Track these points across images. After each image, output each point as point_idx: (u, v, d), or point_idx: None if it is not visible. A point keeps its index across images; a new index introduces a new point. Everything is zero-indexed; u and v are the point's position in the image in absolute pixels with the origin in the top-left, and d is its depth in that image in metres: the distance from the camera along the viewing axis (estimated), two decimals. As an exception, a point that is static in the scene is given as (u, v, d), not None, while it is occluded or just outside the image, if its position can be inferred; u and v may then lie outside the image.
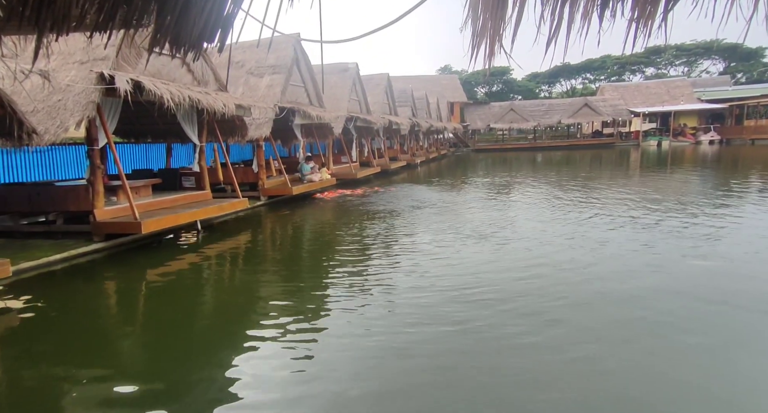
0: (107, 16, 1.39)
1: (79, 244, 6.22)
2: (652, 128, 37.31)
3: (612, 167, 19.57)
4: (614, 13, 1.22)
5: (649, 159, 23.00)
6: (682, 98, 37.15)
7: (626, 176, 15.32)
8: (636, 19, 1.20)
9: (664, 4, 1.18)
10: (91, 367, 3.28)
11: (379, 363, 3.14)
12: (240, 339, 3.67)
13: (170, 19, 1.39)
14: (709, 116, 36.67)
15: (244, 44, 11.81)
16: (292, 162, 13.26)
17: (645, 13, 1.19)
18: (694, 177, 14.04)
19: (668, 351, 3.18)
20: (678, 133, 35.41)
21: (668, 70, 53.37)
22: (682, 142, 34.35)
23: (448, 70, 61.17)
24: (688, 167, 18.07)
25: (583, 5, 1.20)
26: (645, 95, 39.06)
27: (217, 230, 8.11)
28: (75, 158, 10.82)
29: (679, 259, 5.29)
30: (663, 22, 1.21)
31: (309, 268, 5.80)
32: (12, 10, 1.38)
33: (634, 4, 1.19)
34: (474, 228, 7.18)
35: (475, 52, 1.30)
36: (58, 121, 5.59)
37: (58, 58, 6.20)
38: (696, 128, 36.11)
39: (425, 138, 30.25)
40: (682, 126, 36.07)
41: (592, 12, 1.21)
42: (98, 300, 4.89)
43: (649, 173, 16.08)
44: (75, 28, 1.44)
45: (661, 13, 1.19)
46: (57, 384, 3.08)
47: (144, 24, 1.49)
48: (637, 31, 1.23)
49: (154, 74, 7.08)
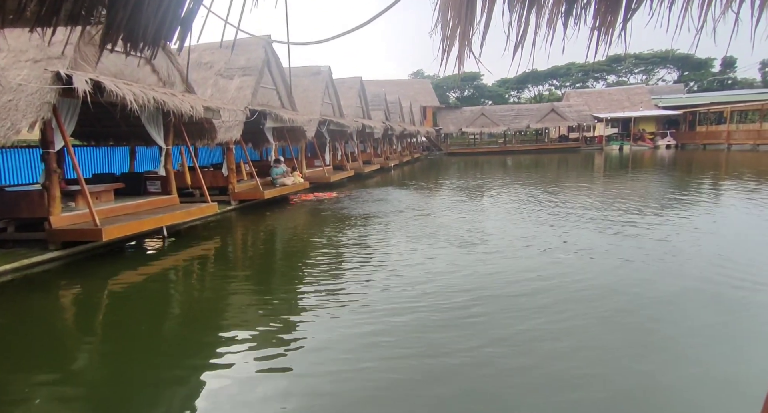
0: (50, 10, 1.29)
1: (32, 253, 5.86)
2: (614, 133, 39.01)
3: (578, 170, 20.29)
4: (578, 21, 1.25)
5: (613, 163, 24.01)
6: (641, 105, 39.05)
7: (593, 179, 15.92)
8: (598, 27, 1.23)
9: (623, 14, 1.21)
10: (43, 385, 3.07)
11: (354, 375, 3.09)
12: (204, 351, 3.53)
13: (123, 13, 1.30)
14: (666, 122, 38.72)
15: (213, 45, 11.52)
16: (263, 166, 13.02)
17: (606, 21, 1.22)
18: (662, 180, 14.74)
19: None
20: (638, 138, 37.16)
21: (628, 77, 56.10)
22: (642, 146, 36.07)
23: (421, 74, 61.86)
24: (652, 170, 19.02)
25: (548, 12, 1.23)
26: (607, 101, 40.82)
27: (184, 236, 7.83)
28: (28, 162, 10.21)
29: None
30: (623, 31, 1.25)
31: (279, 276, 5.67)
32: None
33: (595, 13, 1.22)
34: (448, 233, 7.23)
35: (445, 56, 1.30)
36: (9, 123, 5.25)
37: (8, 55, 5.84)
38: (654, 133, 38.02)
39: (399, 142, 30.42)
40: (641, 131, 37.88)
41: (557, 19, 1.23)
42: (53, 313, 4.60)
43: (615, 177, 16.77)
44: (13, 22, 1.33)
45: (620, 22, 1.23)
46: (6, 402, 2.86)
47: (94, 19, 1.39)
48: (599, 39, 1.26)
49: (116, 74, 6.79)
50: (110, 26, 1.35)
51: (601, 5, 1.22)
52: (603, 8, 1.21)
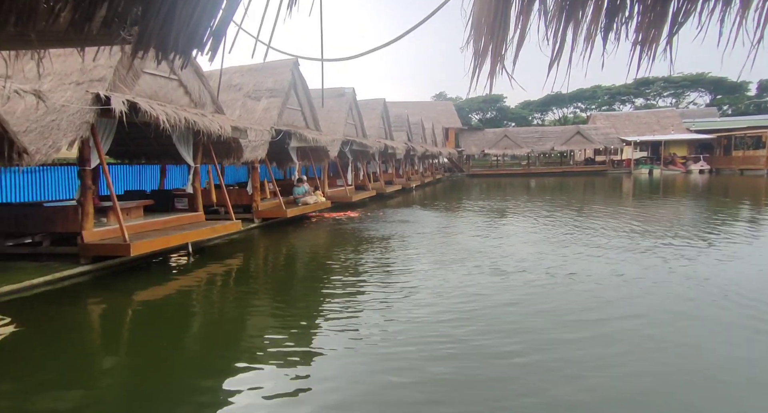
0: (83, 16, 1.32)
1: (64, 266, 6.03)
2: (643, 157, 37.95)
3: (608, 194, 19.66)
4: (618, 36, 1.20)
5: (644, 187, 23.23)
6: (671, 128, 38.05)
7: (626, 203, 15.35)
8: (640, 42, 1.18)
9: (669, 28, 1.15)
10: (68, 396, 3.07)
11: (370, 399, 2.97)
12: (226, 368, 3.49)
13: (156, 22, 1.33)
14: (698, 146, 37.46)
15: (243, 68, 11.97)
16: (287, 184, 13.22)
17: (649, 36, 1.16)
18: (706, 206, 14.11)
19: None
20: (669, 162, 36.01)
21: (656, 101, 54.95)
22: (673, 170, 34.90)
23: (443, 97, 62.52)
24: (691, 194, 17.95)
25: (587, 28, 1.18)
26: (635, 124, 39.98)
27: (208, 253, 7.94)
28: (66, 179, 10.69)
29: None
30: (668, 46, 1.18)
31: (301, 295, 5.58)
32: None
33: (638, 27, 1.16)
34: (478, 258, 6.77)
35: (476, 72, 1.27)
36: (51, 141, 5.52)
37: (54, 79, 6.19)
38: (686, 157, 36.79)
39: (420, 162, 30.50)
40: (672, 155, 36.74)
41: (595, 34, 1.18)
42: (81, 325, 4.67)
43: (651, 201, 16.15)
44: (47, 26, 1.37)
45: (665, 37, 1.17)
46: (31, 409, 2.88)
47: (127, 30, 1.42)
48: (641, 55, 1.20)
49: (152, 96, 7.09)
50: (143, 34, 1.38)
51: (644, 19, 1.16)
52: (646, 22, 1.16)
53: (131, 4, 1.34)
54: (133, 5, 1.35)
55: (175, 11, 1.32)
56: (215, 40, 1.41)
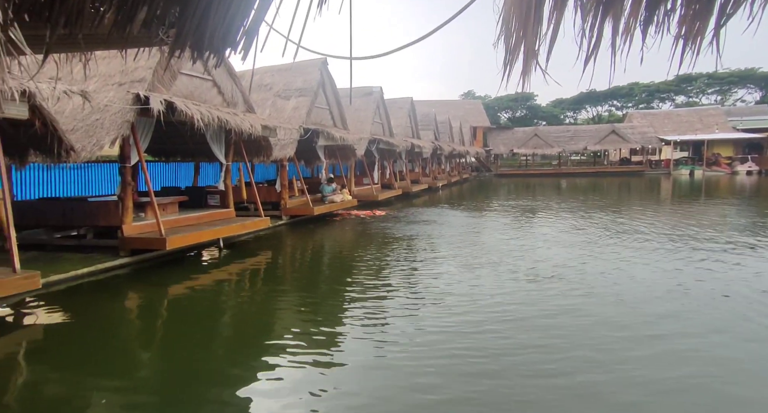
0: (126, 17, 1.41)
1: (106, 258, 6.36)
2: (683, 157, 36.13)
3: (647, 195, 18.72)
4: (660, 30, 1.15)
5: (685, 188, 22.10)
6: (715, 127, 36.04)
7: (668, 205, 14.60)
8: (683, 35, 1.13)
9: (716, 20, 1.10)
10: (109, 380, 3.26)
11: (395, 399, 2.99)
12: (255, 361, 3.60)
13: (192, 22, 1.40)
14: (746, 146, 35.29)
15: (273, 68, 12.23)
16: (314, 183, 13.41)
17: (693, 29, 1.11)
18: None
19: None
20: (712, 162, 34.12)
21: (699, 98, 52.03)
22: (717, 171, 33.03)
23: (472, 95, 61.67)
24: (741, 198, 16.78)
25: (625, 21, 1.14)
26: (676, 123, 38.15)
27: (238, 249, 8.17)
28: (108, 175, 11.26)
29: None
30: (714, 39, 1.12)
31: (326, 295, 5.50)
32: (25, 4, 1.41)
33: (681, 20, 1.11)
34: (512, 262, 6.42)
35: (507, 69, 1.26)
36: (95, 139, 5.83)
37: (99, 80, 6.53)
38: (731, 157, 34.77)
39: (447, 162, 30.25)
40: (716, 155, 34.79)
41: (634, 29, 1.14)
42: (121, 315, 4.93)
43: (695, 203, 15.35)
44: (92, 28, 1.46)
45: (711, 30, 1.11)
46: (77, 394, 3.07)
47: (165, 31, 1.50)
48: (684, 49, 1.15)
49: (187, 96, 7.36)
50: (179, 34, 1.46)
51: (688, 11, 1.11)
52: (690, 14, 1.11)
53: (169, 5, 1.42)
54: (171, 7, 1.42)
55: (210, 12, 1.38)
56: (248, 39, 1.47)
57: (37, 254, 6.52)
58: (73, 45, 2.31)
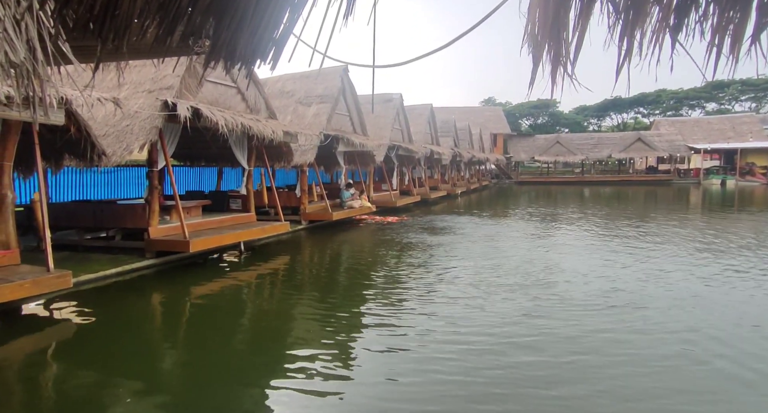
0: (167, 30, 1.48)
1: (132, 260, 6.57)
2: (714, 166, 34.74)
3: (678, 207, 17.61)
4: (692, 37, 1.12)
5: (717, 199, 21.17)
6: (749, 135, 34.66)
7: (704, 217, 13.95)
8: (717, 43, 1.10)
9: (754, 26, 1.05)
10: (133, 379, 3.36)
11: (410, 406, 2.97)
12: (273, 364, 3.64)
13: (226, 34, 1.47)
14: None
15: (295, 75, 12.48)
16: (333, 188, 13.54)
17: (726, 36, 1.08)
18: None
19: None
20: (746, 172, 32.66)
21: (732, 105, 50.05)
22: (751, 182, 31.58)
23: (492, 102, 61.27)
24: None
25: (652, 29, 1.13)
26: (706, 131, 36.89)
27: (258, 252, 8.31)
28: (136, 179, 11.66)
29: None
30: (752, 46, 1.08)
31: (342, 303, 5.35)
32: (78, 21, 1.50)
33: (715, 27, 1.08)
34: (515, 266, 6.64)
35: (533, 77, 1.26)
36: (125, 144, 6.06)
37: (130, 87, 6.80)
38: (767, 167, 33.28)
39: (467, 169, 30.07)
40: (750, 165, 33.32)
41: (663, 36, 1.13)
42: (146, 315, 5.08)
43: (729, 214, 14.69)
44: (137, 42, 1.55)
45: (749, 37, 1.07)
46: (102, 391, 3.17)
47: (200, 45, 1.58)
48: (718, 57, 1.12)
49: (212, 102, 7.58)
50: (214, 45, 1.53)
51: (722, 18, 1.07)
52: (724, 21, 1.07)
53: (206, 19, 1.49)
54: (207, 21, 1.50)
55: (243, 25, 1.45)
56: (277, 49, 1.53)
57: (69, 255, 6.78)
58: (119, 55, 2.45)
